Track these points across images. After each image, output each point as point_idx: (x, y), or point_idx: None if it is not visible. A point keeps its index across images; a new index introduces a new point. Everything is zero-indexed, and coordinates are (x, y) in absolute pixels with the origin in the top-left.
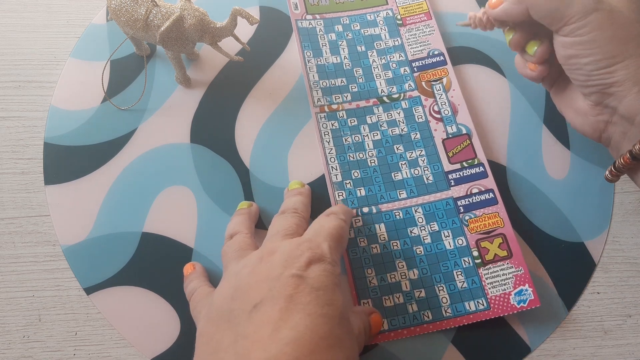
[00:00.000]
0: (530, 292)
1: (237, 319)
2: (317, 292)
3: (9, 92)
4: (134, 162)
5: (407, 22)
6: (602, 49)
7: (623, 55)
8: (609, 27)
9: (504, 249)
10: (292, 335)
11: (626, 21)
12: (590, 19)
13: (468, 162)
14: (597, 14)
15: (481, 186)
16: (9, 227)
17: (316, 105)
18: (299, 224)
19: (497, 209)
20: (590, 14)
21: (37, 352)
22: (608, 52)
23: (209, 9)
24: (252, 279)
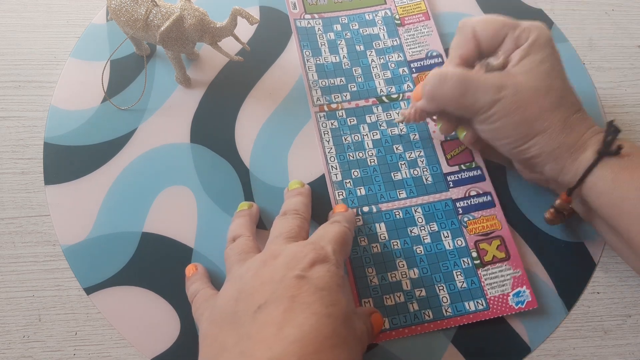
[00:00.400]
0: (528, 293)
1: (241, 320)
2: (321, 292)
3: (9, 92)
4: (134, 162)
5: (406, 22)
6: (512, 132)
7: (532, 133)
8: (514, 112)
9: (502, 250)
10: (297, 334)
11: (532, 98)
12: (495, 109)
13: (466, 165)
14: (500, 104)
15: (479, 189)
16: (9, 227)
17: (315, 104)
18: (301, 225)
19: (494, 212)
20: (495, 105)
21: (37, 352)
22: (519, 133)
23: (209, 9)
24: (255, 282)
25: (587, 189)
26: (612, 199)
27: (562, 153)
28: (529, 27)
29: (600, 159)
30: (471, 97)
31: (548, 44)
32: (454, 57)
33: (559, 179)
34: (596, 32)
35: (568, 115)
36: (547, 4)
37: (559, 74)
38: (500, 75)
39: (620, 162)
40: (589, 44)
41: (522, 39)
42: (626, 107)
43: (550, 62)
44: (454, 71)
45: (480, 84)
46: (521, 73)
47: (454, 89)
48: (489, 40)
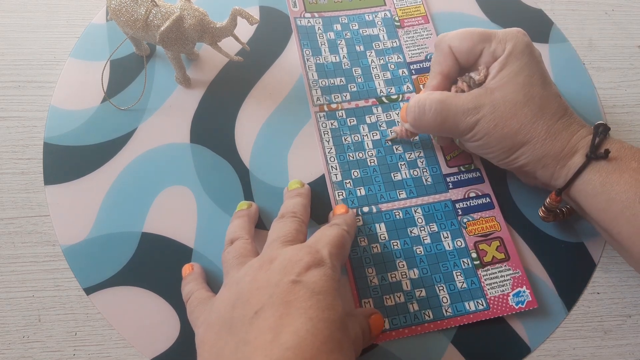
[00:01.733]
0: (528, 293)
1: (238, 326)
2: (317, 297)
3: (9, 92)
4: (134, 162)
5: (405, 24)
6: (495, 147)
7: (516, 145)
8: (493, 130)
9: (502, 251)
10: (294, 339)
11: (509, 113)
12: (476, 130)
13: (465, 167)
14: (480, 124)
15: (478, 191)
16: (8, 227)
17: (315, 104)
18: (298, 229)
19: (493, 214)
20: (475, 126)
21: (36, 352)
22: (502, 147)
23: (209, 9)
24: (252, 287)
25: (576, 191)
26: (601, 202)
27: (550, 160)
28: (504, 38)
29: (588, 163)
30: (452, 122)
31: (524, 52)
32: (434, 73)
33: (551, 184)
34: (596, 32)
35: (551, 124)
36: (547, 4)
37: (538, 81)
38: (478, 94)
39: (609, 165)
40: (589, 44)
41: (498, 50)
42: (626, 107)
43: (528, 71)
44: (431, 101)
45: (458, 108)
46: (498, 87)
47: (434, 119)
48: (466, 55)
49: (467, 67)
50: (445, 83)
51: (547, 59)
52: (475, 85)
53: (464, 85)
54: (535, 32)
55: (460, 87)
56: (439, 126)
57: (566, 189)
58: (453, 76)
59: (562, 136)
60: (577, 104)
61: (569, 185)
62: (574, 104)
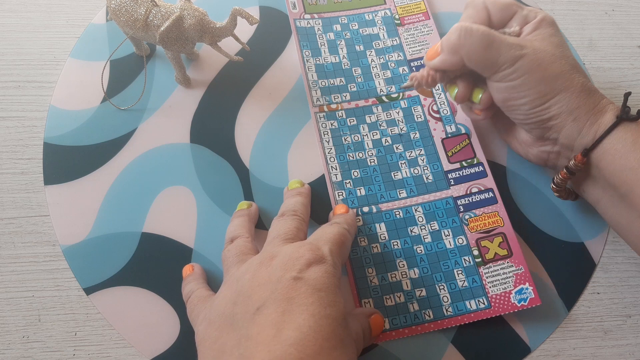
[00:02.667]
0: (531, 290)
1: (240, 322)
2: (319, 293)
3: (9, 92)
4: (134, 162)
5: (405, 22)
6: (533, 89)
7: (554, 91)
8: (536, 69)
9: (504, 247)
10: (296, 336)
11: (551, 59)
12: (518, 65)
13: (467, 162)
14: (523, 60)
15: (481, 185)
16: (8, 227)
17: (315, 105)
18: (299, 227)
19: (496, 208)
20: (518, 61)
21: (36, 352)
22: (540, 91)
23: (209, 9)
24: (253, 284)
25: (603, 151)
26: (632, 161)
27: (582, 114)
28: (534, 9)
29: (619, 122)
30: (495, 50)
31: (554, 24)
32: None
33: (576, 143)
34: (596, 32)
35: (585, 81)
36: (547, 4)
37: (567, 48)
38: (520, 39)
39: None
40: (589, 44)
41: (530, 17)
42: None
43: (560, 38)
44: (477, 26)
45: (503, 40)
46: (537, 40)
47: (479, 41)
48: (500, 13)
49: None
50: None
51: None
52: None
53: None
54: None
55: None
56: (481, 51)
57: (594, 148)
58: None
59: (596, 94)
60: None
61: (598, 143)
62: None
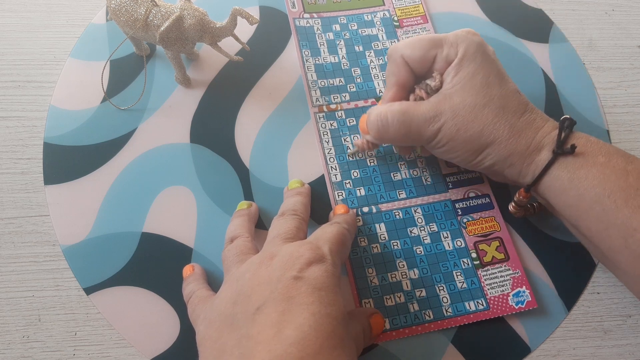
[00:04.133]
0: (528, 293)
1: (241, 322)
2: (319, 292)
3: (9, 92)
4: (134, 162)
5: (404, 24)
6: (460, 151)
7: (481, 147)
8: (456, 135)
9: (501, 252)
10: (297, 335)
11: (470, 116)
12: (439, 137)
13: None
14: (443, 131)
15: (477, 191)
16: (8, 227)
17: (315, 105)
18: (299, 226)
19: (493, 214)
20: (438, 133)
21: (36, 352)
22: (468, 150)
23: (209, 9)
24: (253, 283)
25: (545, 188)
26: (570, 198)
27: (516, 159)
28: (455, 41)
29: (555, 159)
30: (415, 132)
31: (477, 52)
32: (390, 85)
33: (519, 181)
34: (596, 32)
35: (513, 122)
36: (547, 4)
37: (495, 80)
38: (437, 101)
39: (576, 161)
40: (589, 44)
41: (451, 55)
42: (626, 107)
43: (483, 72)
44: (392, 113)
45: (420, 117)
46: (456, 92)
47: (398, 130)
48: (419, 63)
49: (422, 75)
50: (402, 93)
51: (547, 59)
52: (432, 91)
53: (422, 92)
54: (535, 32)
55: (418, 95)
56: (404, 137)
57: (534, 185)
58: (409, 85)
59: (526, 133)
60: (577, 104)
61: (536, 182)
62: (574, 104)
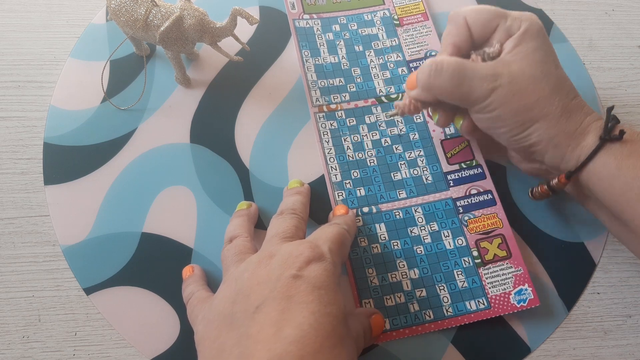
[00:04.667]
0: (530, 291)
1: (240, 321)
2: (319, 291)
3: (9, 92)
4: (134, 162)
5: (404, 22)
6: (510, 120)
7: (531, 120)
8: (510, 100)
9: (503, 249)
10: (297, 334)
11: (528, 85)
12: (491, 99)
13: (466, 163)
14: (496, 93)
15: (480, 187)
16: (8, 227)
17: (315, 105)
18: (298, 225)
19: (495, 210)
20: (491, 94)
21: (36, 353)
22: (517, 122)
23: (209, 9)
24: (252, 282)
25: (589, 174)
26: (616, 187)
27: (562, 140)
28: (519, 17)
29: (602, 145)
30: (467, 87)
31: (540, 33)
32: (446, 45)
33: (561, 167)
34: (596, 32)
35: (566, 102)
36: (547, 4)
37: (553, 61)
38: (495, 64)
39: (623, 148)
40: (589, 44)
41: (513, 28)
42: (626, 107)
43: (544, 50)
44: (449, 61)
45: (475, 73)
46: (515, 61)
47: (450, 79)
48: (481, 29)
49: (479, 43)
50: (456, 55)
51: None
52: (489, 59)
53: (477, 58)
54: None
55: (473, 60)
56: (454, 89)
57: (578, 172)
58: (465, 49)
59: (577, 115)
60: None
61: (582, 167)
62: None
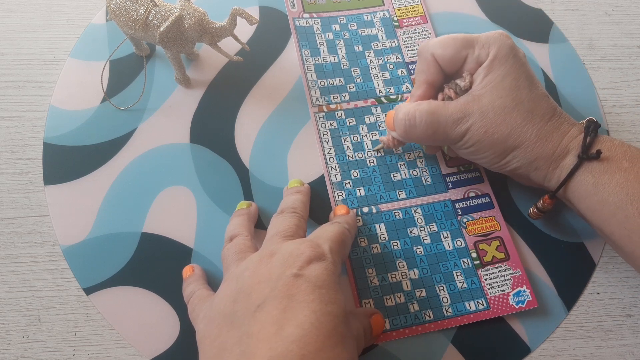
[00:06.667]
0: (528, 293)
1: (241, 320)
2: (320, 290)
3: (8, 92)
4: (134, 162)
5: (404, 24)
6: (487, 152)
7: (507, 150)
8: (484, 136)
9: (502, 251)
10: (298, 333)
11: (499, 119)
12: (466, 138)
13: (465, 167)
14: (470, 132)
15: (478, 190)
16: (8, 227)
17: (315, 105)
18: (298, 224)
19: (493, 213)
20: (466, 134)
21: (36, 353)
22: (494, 152)
23: (208, 9)
24: (253, 281)
25: (570, 192)
26: (594, 204)
27: (542, 163)
28: (487, 42)
29: (580, 164)
30: (442, 132)
31: (509, 55)
32: (419, 82)
33: (544, 185)
34: (596, 32)
35: (541, 126)
36: (547, 4)
37: (525, 84)
38: (466, 102)
39: (600, 166)
40: (589, 44)
41: (482, 56)
42: (626, 107)
43: (514, 75)
44: (421, 113)
45: (448, 118)
46: (485, 93)
47: (425, 130)
48: (450, 62)
49: (451, 74)
50: (430, 91)
51: (547, 59)
52: (461, 91)
53: (450, 92)
54: (535, 32)
55: (447, 94)
56: (430, 137)
57: (559, 191)
58: (438, 84)
59: (553, 138)
60: (577, 104)
61: (561, 187)
62: (574, 104)
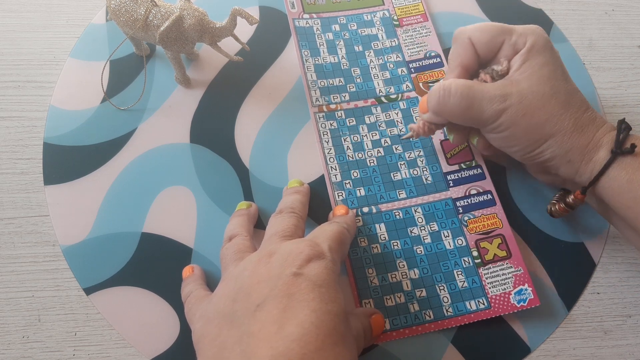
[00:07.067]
0: (530, 291)
1: (241, 319)
2: (319, 289)
3: (8, 92)
4: (134, 162)
5: (404, 23)
6: (522, 139)
7: (543, 138)
8: (521, 120)
9: (503, 249)
10: (298, 332)
11: (538, 103)
12: (502, 120)
13: (466, 164)
14: (506, 114)
15: (479, 187)
16: (8, 227)
17: (315, 105)
18: (297, 224)
19: (495, 210)
20: (501, 115)
21: (36, 353)
22: (529, 139)
23: (208, 9)
24: (253, 281)
25: (602, 188)
26: (628, 200)
27: (575, 155)
28: (525, 32)
29: (614, 158)
30: (477, 109)
31: (546, 47)
32: (454, 67)
33: (575, 180)
34: (596, 32)
35: (578, 116)
36: (547, 4)
37: (562, 75)
38: (504, 84)
39: (635, 161)
40: (589, 44)
41: (519, 44)
42: (626, 107)
43: (552, 65)
44: (457, 84)
45: (484, 95)
46: (524, 79)
47: (459, 103)
48: (486, 47)
49: (486, 61)
50: (465, 75)
51: None
52: (498, 76)
53: (487, 77)
54: None
55: (483, 79)
56: (464, 112)
57: (592, 186)
58: (472, 69)
59: (589, 129)
60: None
61: (595, 181)
62: None
